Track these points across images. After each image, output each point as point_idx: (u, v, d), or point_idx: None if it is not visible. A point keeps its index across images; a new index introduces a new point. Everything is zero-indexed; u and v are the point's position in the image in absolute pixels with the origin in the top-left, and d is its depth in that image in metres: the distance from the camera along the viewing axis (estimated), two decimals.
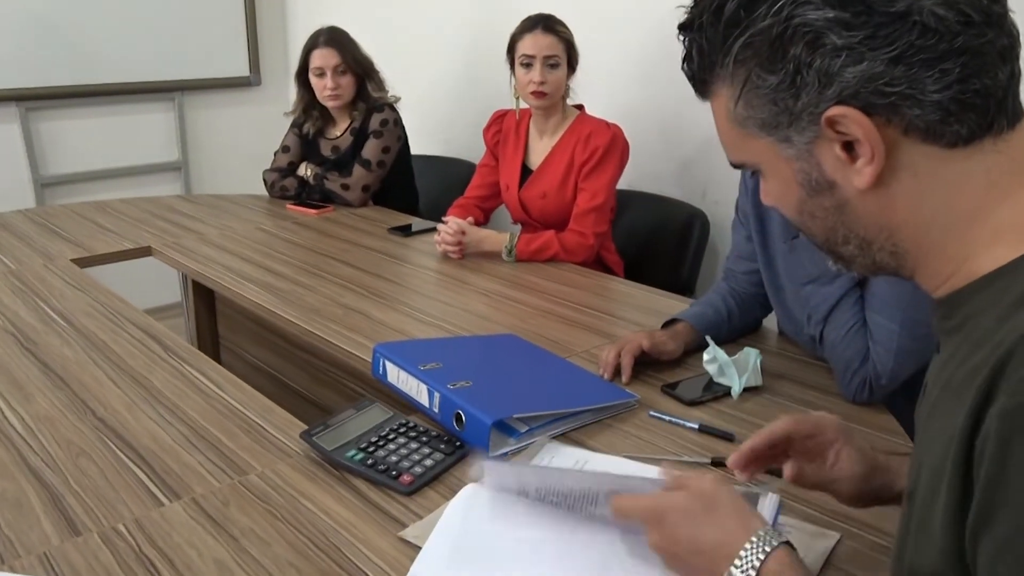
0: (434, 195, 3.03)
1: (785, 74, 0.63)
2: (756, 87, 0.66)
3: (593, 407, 1.34)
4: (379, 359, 1.44)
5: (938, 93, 0.60)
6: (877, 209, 0.66)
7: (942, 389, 0.64)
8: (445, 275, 2.14)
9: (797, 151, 0.67)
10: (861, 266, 0.71)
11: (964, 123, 0.61)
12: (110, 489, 1.17)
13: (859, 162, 0.64)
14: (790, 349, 1.64)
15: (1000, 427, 0.54)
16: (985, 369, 0.57)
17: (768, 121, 0.67)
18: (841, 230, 0.70)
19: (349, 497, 1.15)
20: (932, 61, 0.59)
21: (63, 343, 1.66)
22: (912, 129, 0.62)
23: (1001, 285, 0.61)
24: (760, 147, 0.70)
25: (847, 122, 0.62)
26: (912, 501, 0.66)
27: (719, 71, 0.68)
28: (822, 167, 0.67)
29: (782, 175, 0.70)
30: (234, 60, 3.93)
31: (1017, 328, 0.56)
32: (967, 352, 0.62)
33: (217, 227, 2.56)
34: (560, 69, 2.26)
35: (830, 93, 0.62)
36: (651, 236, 2.57)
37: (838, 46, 0.61)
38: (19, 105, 3.37)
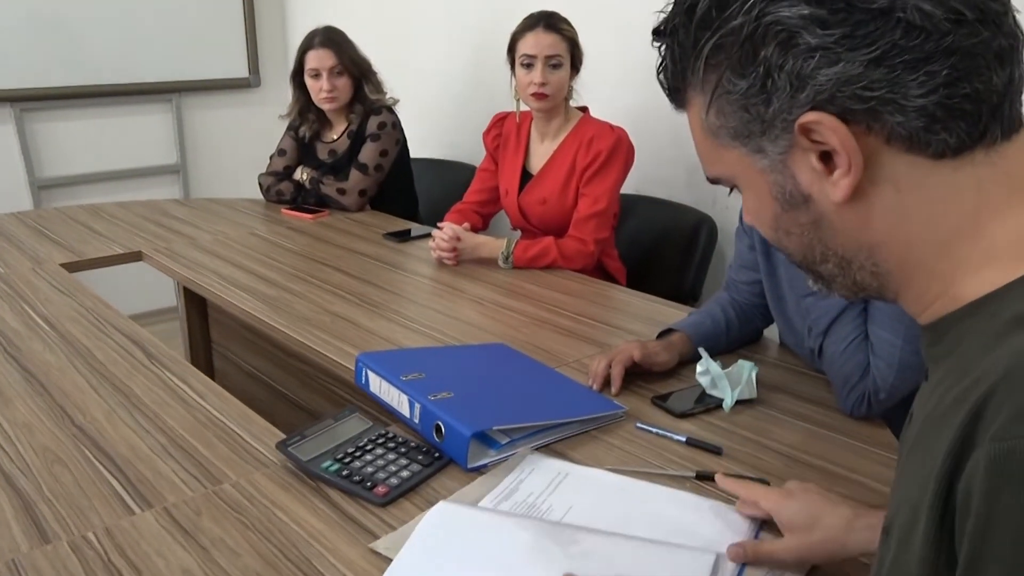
0: (435, 200, 2.99)
1: (755, 78, 0.59)
2: (727, 92, 0.61)
3: (578, 418, 1.31)
4: (362, 368, 1.41)
5: (923, 98, 0.55)
6: (856, 225, 0.61)
7: (924, 421, 0.60)
8: (439, 282, 2.10)
9: (771, 162, 0.62)
10: (842, 286, 0.67)
11: (952, 131, 0.56)
12: (83, 497, 1.14)
13: (836, 173, 0.59)
14: (790, 361, 1.60)
15: (985, 478, 0.49)
16: (967, 404, 0.52)
17: (740, 130, 0.62)
18: (818, 247, 0.65)
19: (323, 508, 1.12)
20: (917, 63, 0.54)
21: (46, 348, 1.63)
22: (895, 138, 0.57)
23: (990, 311, 0.57)
24: (733, 159, 0.65)
25: (822, 129, 0.57)
26: (888, 538, 0.61)
27: (691, 77, 0.64)
28: (797, 179, 0.62)
29: (757, 189, 0.65)
30: (233, 61, 3.91)
31: (1001, 360, 0.52)
32: (951, 383, 0.57)
33: (210, 232, 2.54)
34: (562, 70, 2.21)
35: (803, 98, 0.57)
36: (656, 242, 2.52)
37: (812, 46, 0.56)
38: (14, 106, 3.36)
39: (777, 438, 1.31)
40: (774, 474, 1.20)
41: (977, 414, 0.51)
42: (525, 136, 2.39)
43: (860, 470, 1.22)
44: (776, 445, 1.29)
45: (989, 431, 0.50)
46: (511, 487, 1.15)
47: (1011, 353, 0.52)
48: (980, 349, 0.55)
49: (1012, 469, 0.47)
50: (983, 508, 0.49)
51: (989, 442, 0.49)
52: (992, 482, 0.48)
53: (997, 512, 0.48)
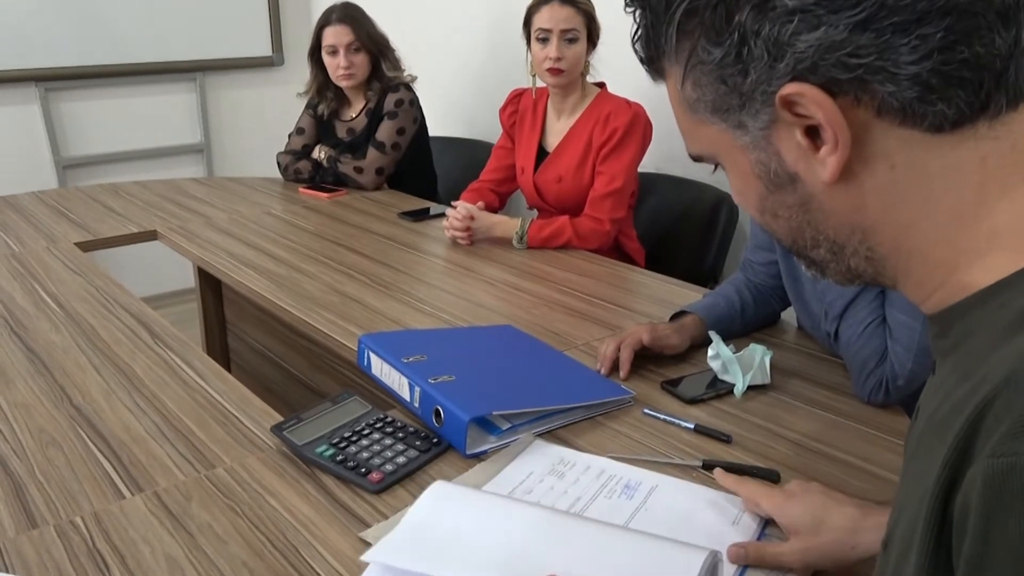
0: (454, 178, 2.95)
1: (730, 45, 0.53)
2: (701, 62, 0.55)
3: (583, 404, 1.27)
4: (364, 350, 1.38)
5: (916, 64, 0.49)
6: (847, 207, 0.56)
7: (928, 421, 0.54)
8: (452, 263, 2.07)
9: (752, 138, 0.56)
10: (836, 272, 0.61)
11: (950, 102, 0.50)
12: (74, 480, 1.13)
13: (822, 150, 0.53)
14: (807, 345, 1.55)
15: (982, 498, 0.44)
16: (967, 409, 0.47)
17: (718, 104, 0.56)
18: (808, 231, 0.59)
19: (315, 495, 1.09)
20: (908, 25, 0.48)
21: (52, 328, 1.62)
22: (886, 110, 0.51)
23: (998, 303, 0.51)
24: (714, 135, 0.59)
25: (805, 102, 0.51)
26: (888, 552, 0.56)
27: (664, 46, 0.58)
28: (781, 157, 0.56)
29: (739, 167, 0.60)
30: (256, 40, 3.88)
31: (1005, 363, 0.46)
32: (955, 382, 0.52)
33: (226, 211, 2.52)
34: (579, 44, 2.15)
35: (782, 67, 0.51)
36: (676, 222, 2.47)
37: (789, 8, 0.49)
38: (39, 85, 3.36)
39: (789, 426, 1.26)
40: (785, 464, 1.15)
41: (975, 423, 0.46)
42: (541, 113, 2.34)
43: (876, 460, 1.17)
44: (788, 433, 1.24)
45: (987, 445, 0.44)
46: (510, 476, 1.12)
47: (1016, 355, 0.46)
48: (987, 346, 0.50)
49: (1010, 489, 0.42)
50: (979, 530, 0.44)
51: (987, 458, 0.44)
52: (989, 502, 0.43)
53: (994, 535, 0.43)
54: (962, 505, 0.46)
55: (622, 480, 1.10)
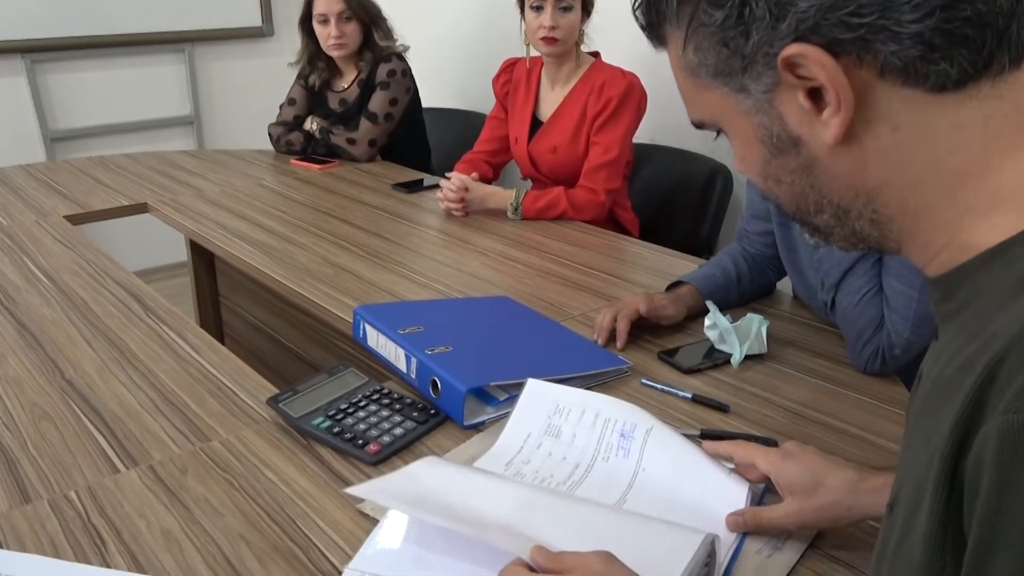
0: (447, 149, 2.93)
1: (732, 7, 0.53)
2: (703, 25, 0.55)
3: (581, 374, 1.26)
4: (359, 321, 1.37)
5: (918, 23, 0.48)
6: (851, 169, 0.55)
7: (933, 383, 0.54)
8: (446, 234, 2.05)
9: (755, 102, 0.56)
10: (840, 238, 0.60)
11: (953, 61, 0.49)
12: (68, 454, 1.12)
13: (825, 112, 0.53)
14: (803, 314, 1.54)
15: (996, 455, 0.43)
16: (976, 369, 0.46)
17: (720, 67, 0.56)
18: (812, 195, 0.59)
19: (312, 467, 1.09)
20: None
21: (43, 302, 1.61)
22: (889, 70, 0.50)
23: (1004, 261, 0.51)
24: (716, 100, 0.59)
25: (807, 63, 0.51)
26: (893, 515, 0.56)
27: (665, 9, 0.58)
28: (784, 120, 0.56)
29: (743, 132, 0.59)
30: (246, 10, 3.83)
31: (1015, 319, 0.46)
32: (962, 342, 0.51)
33: (217, 183, 2.50)
34: (573, 13, 2.12)
35: (784, 28, 0.51)
36: (671, 192, 2.45)
37: None
38: (24, 57, 3.31)
39: (786, 395, 1.26)
40: (783, 433, 1.15)
41: (987, 381, 0.45)
42: (535, 82, 2.31)
43: (873, 429, 1.17)
44: (785, 402, 1.24)
45: (999, 403, 0.44)
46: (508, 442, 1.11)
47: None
48: (994, 306, 0.49)
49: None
50: (993, 489, 0.44)
51: (1001, 414, 0.43)
52: (1003, 460, 0.43)
53: (1008, 494, 0.43)
54: (975, 463, 0.45)
55: (617, 427, 1.09)
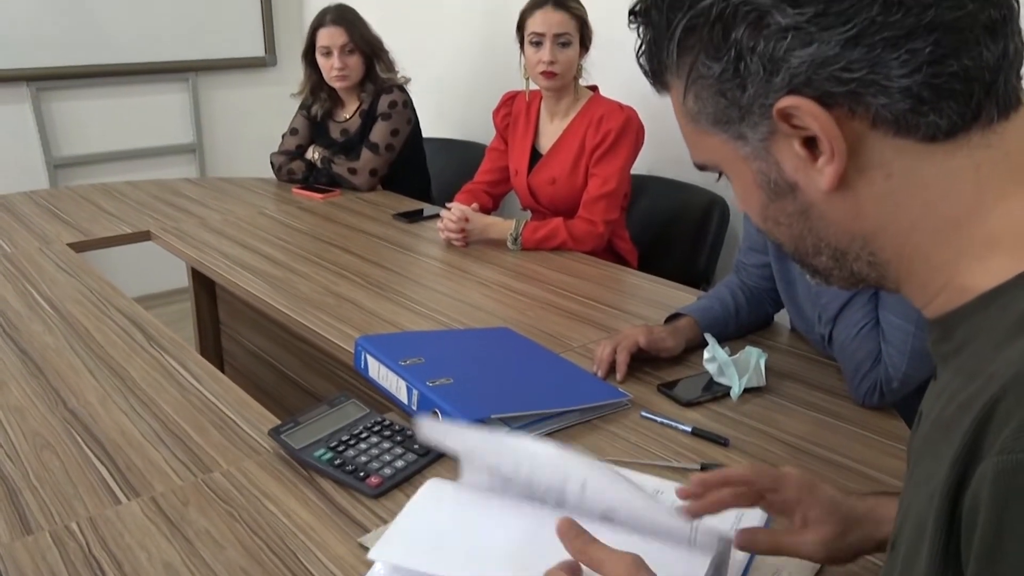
0: (447, 179, 2.95)
1: (728, 61, 0.55)
2: (702, 77, 0.58)
3: (581, 407, 1.27)
4: (360, 352, 1.38)
5: (907, 78, 0.51)
6: (847, 215, 0.57)
7: (932, 424, 0.55)
8: (447, 264, 2.07)
9: (753, 149, 0.58)
10: (839, 279, 0.62)
11: (942, 112, 0.51)
12: (70, 485, 1.12)
13: (820, 160, 0.55)
14: (801, 347, 1.55)
15: (992, 494, 0.45)
16: (975, 408, 0.48)
17: (719, 116, 0.59)
18: (810, 238, 0.61)
19: (313, 499, 1.09)
20: (898, 40, 0.50)
21: (46, 330, 1.62)
22: (880, 121, 0.53)
23: (1000, 304, 0.52)
24: (716, 145, 0.61)
25: (801, 114, 0.53)
26: (895, 554, 0.57)
27: (667, 60, 0.60)
28: (781, 167, 0.58)
29: (742, 176, 0.62)
30: (249, 40, 3.87)
31: (1012, 361, 0.47)
32: (960, 383, 0.52)
33: (219, 211, 2.51)
34: (572, 48, 2.16)
35: (778, 81, 0.53)
36: (668, 223, 2.47)
37: (783, 26, 0.52)
38: (30, 85, 3.34)
39: (785, 428, 1.27)
40: (782, 466, 1.15)
41: (984, 421, 0.47)
42: (535, 115, 2.34)
43: (871, 462, 1.17)
44: (784, 435, 1.25)
45: (996, 442, 0.45)
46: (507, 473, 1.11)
47: (1021, 355, 0.47)
48: (991, 348, 0.51)
49: (1020, 484, 0.43)
50: (990, 526, 0.45)
51: (996, 454, 0.45)
52: (999, 498, 0.44)
53: (1004, 531, 0.44)
54: (972, 502, 0.46)
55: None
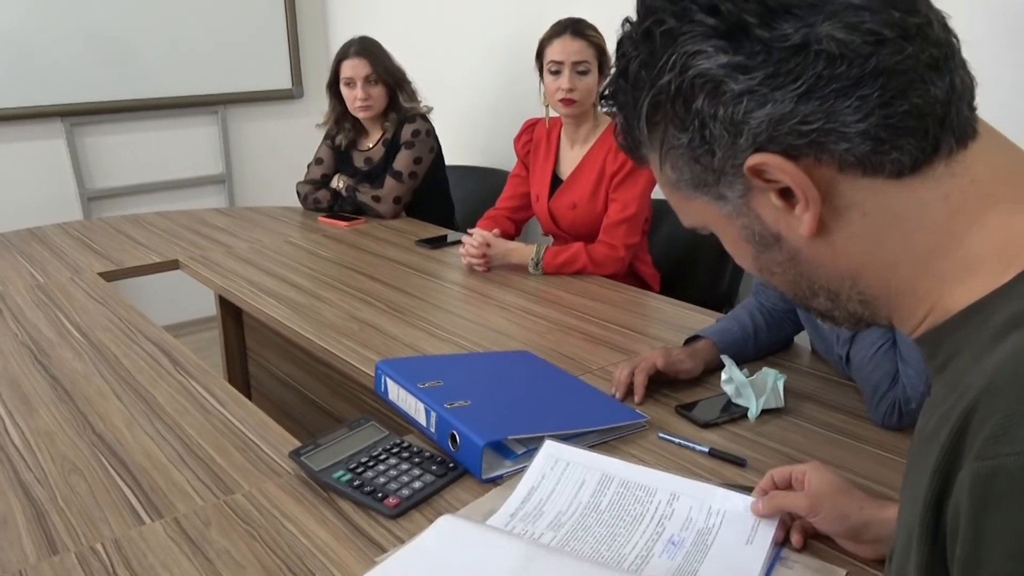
0: (471, 206, 2.98)
1: (694, 130, 0.58)
2: (673, 148, 0.61)
3: (598, 428, 1.28)
4: (381, 376, 1.40)
5: (862, 122, 0.54)
6: (831, 256, 0.60)
7: (919, 437, 0.57)
8: (469, 289, 2.09)
9: (734, 207, 0.61)
10: (842, 319, 0.65)
11: (903, 149, 0.54)
12: (95, 507, 1.15)
13: (797, 209, 0.58)
14: (822, 369, 1.55)
15: (970, 501, 0.46)
16: (952, 419, 0.49)
17: (696, 181, 0.62)
18: (803, 282, 0.63)
19: (333, 520, 1.11)
20: (847, 89, 0.53)
21: (75, 356, 1.65)
22: (846, 165, 0.55)
23: (979, 319, 0.54)
24: (700, 208, 0.64)
25: (770, 169, 0.56)
26: (890, 565, 0.58)
27: (640, 136, 0.63)
28: (763, 220, 0.61)
29: (729, 234, 0.65)
30: (276, 73, 3.96)
31: (986, 371, 0.49)
32: (943, 396, 0.54)
33: (247, 240, 2.56)
34: (590, 76, 2.19)
35: (743, 142, 0.56)
36: (690, 247, 2.48)
37: (737, 92, 0.55)
38: (64, 120, 3.44)
39: (803, 449, 1.26)
40: None
41: (961, 431, 0.48)
42: (555, 141, 2.37)
43: (891, 484, 1.16)
44: (803, 457, 1.24)
45: (972, 450, 0.46)
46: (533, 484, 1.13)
47: (995, 364, 0.48)
48: (972, 360, 0.52)
49: (996, 490, 0.44)
50: (970, 532, 0.46)
51: (972, 462, 0.46)
52: (976, 504, 0.45)
53: (984, 536, 0.45)
54: (953, 510, 0.48)
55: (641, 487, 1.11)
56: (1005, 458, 0.44)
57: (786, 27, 0.53)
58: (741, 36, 0.54)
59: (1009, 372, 0.47)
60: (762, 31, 0.54)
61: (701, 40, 0.55)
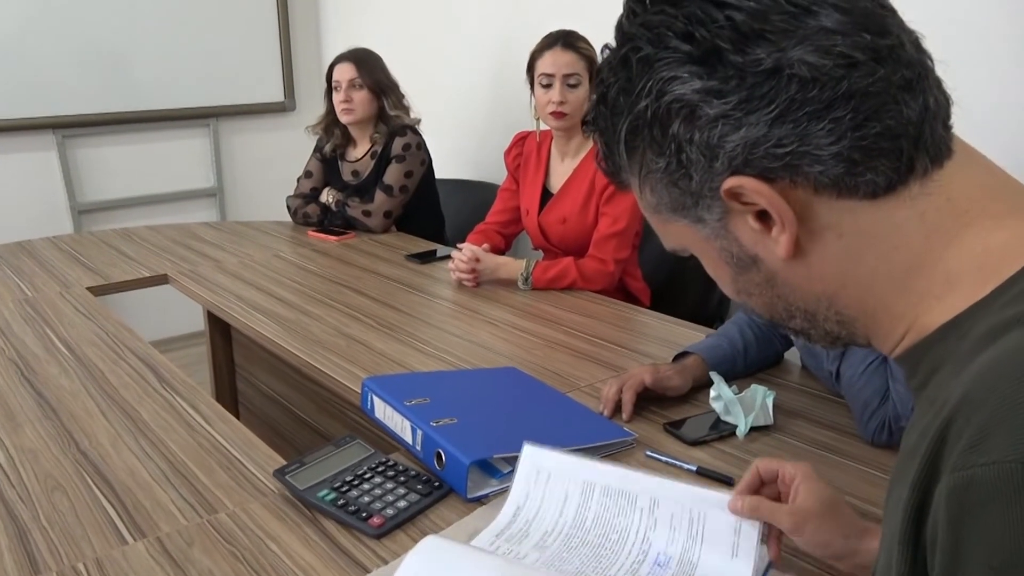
0: (462, 220, 2.98)
1: (671, 155, 0.59)
2: (651, 172, 0.62)
3: (585, 446, 1.27)
4: (367, 393, 1.39)
5: (834, 145, 0.54)
6: (808, 277, 0.60)
7: (902, 453, 0.57)
8: (457, 304, 2.08)
9: (712, 229, 0.62)
10: (819, 339, 0.65)
11: (877, 170, 0.55)
12: (78, 526, 1.14)
13: (773, 231, 0.58)
14: (811, 385, 1.55)
15: (948, 510, 0.46)
16: (930, 434, 0.50)
17: (675, 204, 0.63)
18: (780, 304, 0.64)
19: (316, 539, 1.10)
20: (820, 112, 0.54)
21: (61, 372, 1.64)
22: (821, 187, 0.56)
23: (958, 335, 0.54)
24: (680, 230, 0.65)
25: (746, 192, 0.57)
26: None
27: (620, 161, 0.64)
28: (741, 242, 0.62)
29: (708, 255, 0.66)
30: (269, 85, 3.96)
31: (962, 384, 0.49)
32: (923, 411, 0.54)
33: (236, 255, 2.55)
34: (581, 88, 2.18)
35: (719, 166, 0.57)
36: (681, 262, 2.45)
37: (712, 116, 0.56)
38: (56, 132, 3.43)
39: None
40: None
41: (939, 444, 0.49)
42: (545, 155, 2.37)
43: (878, 502, 1.16)
44: None
45: (950, 462, 0.47)
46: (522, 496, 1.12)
47: (970, 376, 0.49)
48: (950, 375, 0.53)
49: (972, 500, 0.45)
50: (949, 543, 0.46)
51: (949, 473, 0.47)
52: (953, 516, 0.46)
53: (962, 546, 0.45)
54: (932, 522, 0.48)
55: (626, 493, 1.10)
56: (980, 468, 0.45)
57: (759, 52, 0.54)
58: (715, 61, 0.55)
59: (984, 383, 0.48)
60: (735, 56, 0.54)
61: (676, 66, 0.56)
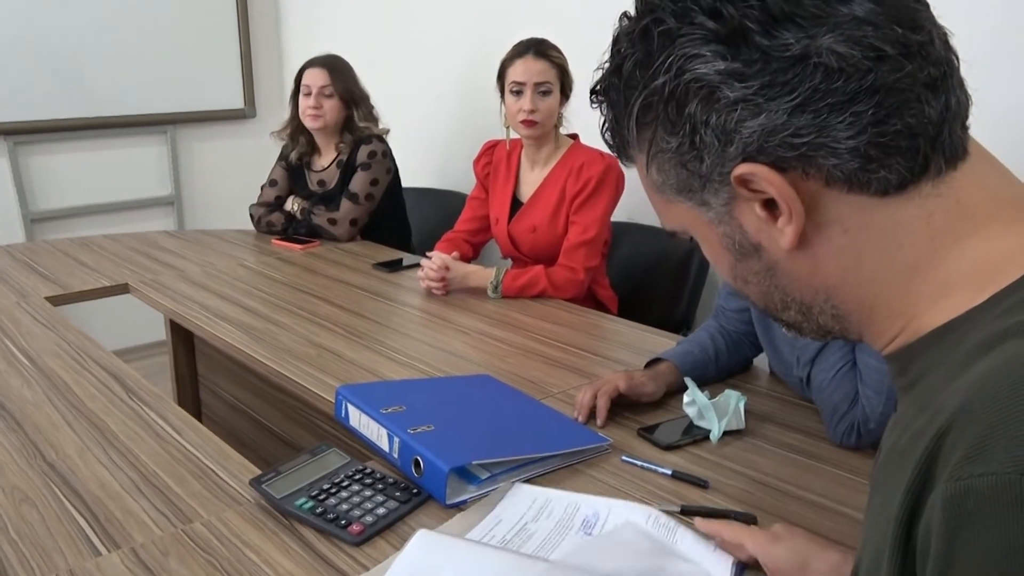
0: (428, 228, 2.97)
1: (684, 135, 0.58)
2: (661, 151, 0.60)
3: (562, 452, 1.27)
4: (341, 401, 1.38)
5: (853, 139, 0.53)
6: (809, 270, 0.60)
7: (888, 453, 0.57)
8: (427, 313, 2.08)
9: (717, 214, 0.61)
10: (809, 332, 0.65)
11: (891, 168, 0.54)
12: (49, 538, 1.11)
13: (780, 221, 0.58)
14: (780, 390, 1.57)
15: (942, 520, 0.46)
16: (925, 439, 0.49)
17: (681, 186, 0.61)
18: (777, 294, 0.63)
19: (295, 548, 1.09)
20: (841, 104, 0.53)
21: (24, 383, 1.61)
22: (833, 180, 0.55)
23: (952, 339, 0.54)
24: (682, 212, 0.64)
25: (757, 180, 0.56)
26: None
27: (628, 136, 0.62)
28: (744, 229, 0.61)
29: (709, 240, 0.64)
30: (228, 92, 3.90)
31: (959, 392, 0.49)
32: (914, 413, 0.54)
33: (199, 263, 2.52)
34: (552, 96, 2.19)
35: (732, 151, 0.56)
36: (648, 270, 2.50)
37: (732, 99, 0.54)
38: (7, 139, 3.35)
39: (765, 470, 1.28)
40: (761, 508, 1.17)
41: (934, 451, 0.48)
42: (515, 164, 2.37)
43: (850, 503, 1.18)
44: (764, 477, 1.26)
45: (946, 470, 0.47)
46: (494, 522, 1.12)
47: (968, 385, 0.49)
48: (943, 379, 0.53)
49: (968, 510, 0.45)
50: (942, 550, 0.46)
51: (945, 482, 0.46)
52: (949, 523, 0.46)
53: (955, 554, 0.46)
54: (925, 529, 0.48)
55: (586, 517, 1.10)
56: (977, 478, 0.44)
57: (787, 36, 0.53)
58: (740, 42, 0.54)
59: (983, 394, 0.47)
60: (762, 39, 0.53)
61: (700, 43, 0.55)
